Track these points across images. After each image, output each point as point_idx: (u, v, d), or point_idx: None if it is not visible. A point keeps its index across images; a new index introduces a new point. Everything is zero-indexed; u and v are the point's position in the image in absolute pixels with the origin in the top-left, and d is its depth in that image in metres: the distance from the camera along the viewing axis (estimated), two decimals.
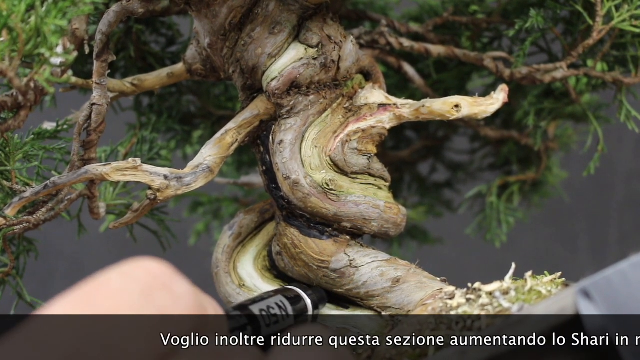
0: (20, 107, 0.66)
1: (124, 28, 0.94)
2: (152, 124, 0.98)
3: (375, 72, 0.82)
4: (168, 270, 0.44)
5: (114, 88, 0.82)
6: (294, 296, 0.68)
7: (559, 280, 0.69)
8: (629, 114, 0.89)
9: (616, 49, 0.89)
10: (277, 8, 0.76)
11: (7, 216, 0.74)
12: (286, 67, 0.76)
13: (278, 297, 0.65)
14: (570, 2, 0.84)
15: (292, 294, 0.68)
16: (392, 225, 0.79)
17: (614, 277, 0.53)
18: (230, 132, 0.78)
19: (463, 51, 0.90)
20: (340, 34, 0.78)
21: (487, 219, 1.07)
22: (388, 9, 1.03)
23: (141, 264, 0.44)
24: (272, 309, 0.62)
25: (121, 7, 0.75)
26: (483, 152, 1.14)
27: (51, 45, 0.60)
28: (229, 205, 1.17)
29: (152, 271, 0.44)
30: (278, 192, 0.78)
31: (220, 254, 0.81)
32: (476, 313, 0.64)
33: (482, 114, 0.78)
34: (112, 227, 0.77)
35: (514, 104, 1.00)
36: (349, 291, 0.76)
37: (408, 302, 0.73)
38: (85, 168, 0.73)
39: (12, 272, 0.81)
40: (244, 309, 0.60)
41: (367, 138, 0.78)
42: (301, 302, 0.68)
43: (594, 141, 0.96)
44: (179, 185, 0.74)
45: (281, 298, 0.65)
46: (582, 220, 1.82)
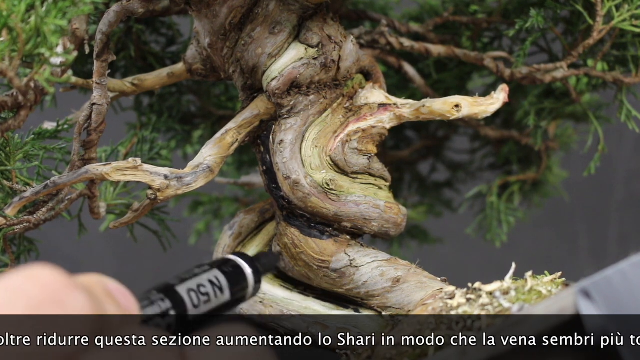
0: (20, 107, 0.66)
1: (124, 28, 0.94)
2: (153, 124, 0.98)
3: (375, 72, 0.82)
4: (61, 278, 0.39)
5: (114, 88, 0.82)
6: (232, 269, 0.61)
7: (559, 280, 0.69)
8: (629, 113, 0.89)
9: (616, 49, 0.89)
10: (278, 8, 0.76)
11: (8, 216, 0.74)
12: (286, 67, 0.76)
13: (213, 272, 0.58)
14: (571, 2, 0.84)
15: (230, 266, 0.61)
16: (392, 225, 0.79)
17: (614, 277, 0.53)
18: (230, 132, 0.78)
19: (463, 51, 0.90)
20: (340, 34, 0.78)
21: (487, 219, 1.07)
22: (388, 8, 1.03)
23: (31, 273, 0.39)
24: (203, 286, 0.56)
25: (121, 7, 0.75)
26: (483, 152, 1.14)
27: (51, 45, 0.60)
28: (229, 205, 1.17)
29: (42, 282, 0.39)
30: (278, 192, 0.78)
31: (220, 253, 0.81)
32: (476, 313, 0.64)
33: (483, 113, 0.78)
34: (112, 227, 0.77)
35: (514, 103, 1.00)
36: (349, 291, 0.76)
37: (408, 302, 0.73)
38: (86, 168, 0.73)
39: None
40: (169, 290, 0.53)
41: (367, 138, 0.78)
42: (241, 275, 0.61)
43: (594, 141, 0.96)
44: (179, 185, 0.74)
45: (216, 273, 0.58)
46: (582, 220, 1.82)
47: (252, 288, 0.61)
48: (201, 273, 0.57)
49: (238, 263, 0.61)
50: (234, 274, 0.60)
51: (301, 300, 0.78)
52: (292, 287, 0.80)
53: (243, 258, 0.61)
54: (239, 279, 0.60)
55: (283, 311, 0.77)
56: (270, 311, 0.77)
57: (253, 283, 0.61)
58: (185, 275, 0.56)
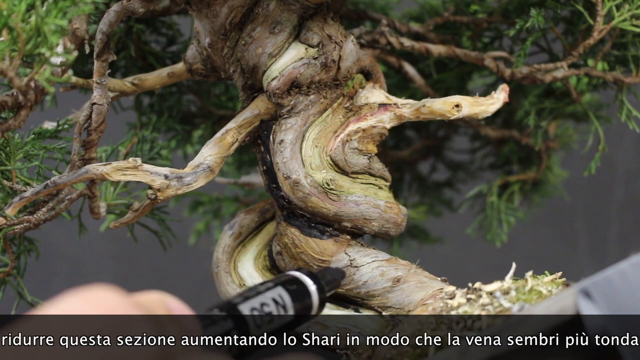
0: (20, 107, 0.66)
1: (125, 27, 0.94)
2: (153, 124, 0.98)
3: (375, 72, 0.82)
4: (122, 301, 0.37)
5: (115, 87, 0.82)
6: (296, 286, 0.58)
7: (559, 280, 0.69)
8: (629, 113, 0.89)
9: (617, 49, 0.89)
10: (278, 8, 0.76)
11: (8, 216, 0.74)
12: (287, 67, 0.76)
13: (277, 289, 0.56)
14: (571, 2, 0.84)
15: (294, 284, 0.58)
16: (392, 224, 0.79)
17: (614, 277, 0.53)
18: (230, 132, 0.78)
19: (464, 51, 0.90)
20: (340, 34, 0.78)
21: (487, 219, 1.07)
22: (388, 8, 1.03)
23: (90, 296, 0.36)
24: (267, 306, 0.54)
25: (122, 7, 0.75)
26: (483, 152, 1.14)
27: (51, 45, 0.60)
28: (230, 204, 1.17)
29: (103, 306, 0.36)
30: (278, 191, 0.78)
31: (220, 253, 0.81)
32: (477, 313, 0.64)
33: (483, 113, 0.78)
34: (112, 227, 0.77)
35: (514, 103, 1.00)
36: (350, 291, 0.76)
37: (408, 302, 0.73)
38: (86, 167, 0.73)
39: (13, 272, 0.81)
40: (231, 309, 0.52)
41: (367, 138, 0.78)
42: (305, 293, 0.58)
43: (594, 141, 0.96)
44: (179, 185, 0.74)
45: (280, 291, 0.56)
46: (582, 220, 1.82)
47: (317, 307, 0.59)
48: (265, 291, 0.55)
49: (303, 280, 0.59)
50: (298, 292, 0.57)
51: None
52: None
53: (308, 275, 0.59)
54: (303, 297, 0.58)
55: None
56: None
57: (318, 301, 0.59)
58: (249, 293, 0.54)
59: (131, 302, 0.38)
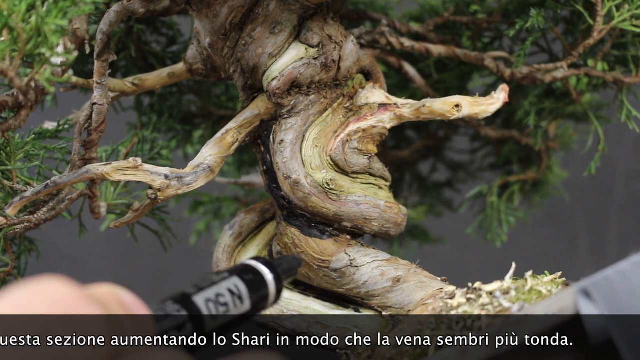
0: (21, 107, 0.66)
1: (125, 28, 0.94)
2: (153, 124, 0.98)
3: (375, 72, 0.82)
4: (72, 292, 0.35)
5: (115, 88, 0.82)
6: (253, 276, 0.57)
7: (559, 280, 0.69)
8: (629, 113, 0.89)
9: (617, 49, 0.89)
10: (278, 8, 0.76)
11: (8, 215, 0.74)
12: (287, 67, 0.76)
13: (232, 279, 0.55)
14: (571, 2, 0.84)
15: (250, 273, 0.57)
16: (392, 224, 0.79)
17: (614, 276, 0.53)
18: (230, 132, 0.78)
19: (464, 51, 0.90)
20: (340, 34, 0.78)
21: (487, 219, 1.07)
22: (389, 8, 1.03)
23: (39, 288, 0.35)
24: (222, 296, 0.52)
25: (122, 7, 0.75)
26: (484, 152, 1.14)
27: (52, 45, 0.60)
28: (230, 204, 1.17)
29: (52, 297, 0.35)
30: (279, 191, 0.78)
31: (220, 253, 0.81)
32: (476, 313, 0.64)
33: (483, 113, 0.78)
34: (112, 227, 0.78)
35: (514, 103, 1.00)
36: (350, 291, 0.77)
37: (408, 302, 0.73)
38: (86, 167, 0.73)
39: (14, 272, 0.81)
40: (185, 300, 0.50)
41: (367, 138, 0.79)
42: (262, 282, 0.57)
43: (594, 141, 0.96)
44: (179, 185, 0.74)
45: (236, 281, 0.54)
46: (582, 220, 1.82)
47: (274, 296, 0.57)
48: (220, 281, 0.53)
49: (259, 269, 0.57)
50: (255, 282, 0.56)
51: (301, 300, 0.79)
52: (293, 287, 0.80)
53: (264, 264, 0.58)
54: (259, 286, 0.56)
55: (283, 311, 0.78)
56: (270, 311, 0.78)
57: (274, 291, 0.57)
58: (203, 284, 0.52)
59: (83, 295, 0.36)
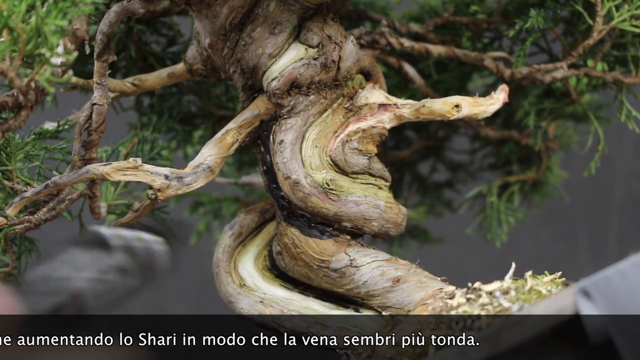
0: (21, 107, 0.67)
1: (125, 28, 0.94)
2: (153, 124, 0.98)
3: (375, 72, 0.82)
4: None
5: (115, 88, 0.82)
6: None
7: (559, 280, 0.69)
8: (629, 113, 0.89)
9: (616, 49, 0.89)
10: (278, 8, 0.76)
11: (8, 216, 0.74)
12: (286, 67, 0.76)
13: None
14: (571, 2, 0.85)
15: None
16: (392, 225, 0.79)
17: (614, 276, 0.53)
18: (230, 132, 0.78)
19: (463, 51, 0.90)
20: (340, 34, 0.78)
21: (487, 219, 1.07)
22: (388, 9, 1.03)
23: None
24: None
25: (122, 8, 0.75)
26: (483, 152, 1.14)
27: (52, 46, 0.60)
28: (230, 205, 1.17)
29: None
30: (278, 192, 0.78)
31: (221, 253, 0.81)
32: (476, 313, 0.64)
33: (483, 114, 0.78)
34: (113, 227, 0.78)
35: (514, 104, 1.00)
36: (350, 291, 0.77)
37: (408, 302, 0.73)
38: (86, 168, 0.73)
39: (14, 272, 0.81)
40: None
41: (367, 138, 0.79)
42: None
43: (594, 141, 0.96)
44: (179, 185, 0.74)
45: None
46: (582, 220, 1.82)
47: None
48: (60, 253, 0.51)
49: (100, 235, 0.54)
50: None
51: (301, 300, 0.79)
52: (293, 287, 0.80)
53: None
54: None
55: (283, 311, 0.78)
56: (270, 311, 0.78)
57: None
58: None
59: None
